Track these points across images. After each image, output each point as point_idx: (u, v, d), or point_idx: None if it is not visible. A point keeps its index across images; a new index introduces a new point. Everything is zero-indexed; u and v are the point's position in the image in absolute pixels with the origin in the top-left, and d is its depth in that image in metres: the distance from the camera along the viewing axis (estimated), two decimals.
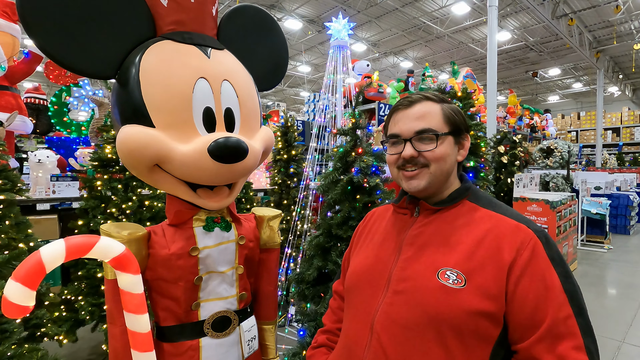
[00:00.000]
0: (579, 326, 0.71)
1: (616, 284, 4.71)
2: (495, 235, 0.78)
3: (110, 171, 2.61)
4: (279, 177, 3.98)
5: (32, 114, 5.39)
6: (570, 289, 0.74)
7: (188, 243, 1.08)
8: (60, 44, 0.94)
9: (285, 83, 17.73)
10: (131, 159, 0.97)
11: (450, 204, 0.88)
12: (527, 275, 0.73)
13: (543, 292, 0.72)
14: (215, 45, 1.12)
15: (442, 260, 0.79)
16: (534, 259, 0.74)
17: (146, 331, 0.81)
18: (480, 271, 0.75)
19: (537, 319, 0.71)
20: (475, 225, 0.82)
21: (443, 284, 0.76)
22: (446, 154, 0.86)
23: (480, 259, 0.76)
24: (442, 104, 0.89)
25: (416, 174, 0.86)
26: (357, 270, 0.95)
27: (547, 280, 0.73)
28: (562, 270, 0.75)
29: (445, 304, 0.74)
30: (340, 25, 3.25)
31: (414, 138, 0.86)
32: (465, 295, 0.73)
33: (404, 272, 0.83)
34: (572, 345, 0.70)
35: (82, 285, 2.54)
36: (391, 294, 0.82)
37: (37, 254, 0.63)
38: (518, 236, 0.77)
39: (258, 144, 1.15)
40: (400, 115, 0.90)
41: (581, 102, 20.73)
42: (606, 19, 11.40)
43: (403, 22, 12.00)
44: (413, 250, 0.85)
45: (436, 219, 0.87)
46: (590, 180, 7.54)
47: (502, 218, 0.82)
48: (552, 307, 0.71)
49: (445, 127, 0.87)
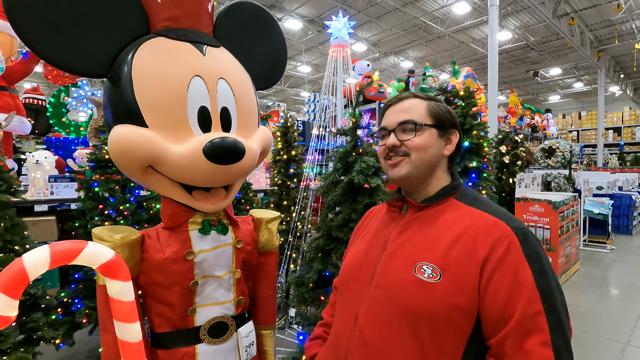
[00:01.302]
0: (548, 323, 0.71)
1: (619, 285, 4.66)
2: (473, 231, 0.80)
3: (108, 172, 2.58)
4: (278, 178, 3.94)
5: (31, 115, 5.37)
6: (544, 286, 0.73)
7: (183, 247, 1.05)
8: (50, 42, 0.90)
9: (285, 83, 17.71)
10: (123, 160, 0.93)
11: (436, 200, 0.91)
12: (500, 271, 0.74)
13: (514, 287, 0.73)
14: (211, 43, 1.09)
15: (421, 255, 0.82)
16: (507, 255, 0.75)
17: (137, 340, 0.77)
18: (455, 266, 0.77)
19: (507, 314, 0.72)
20: (456, 222, 0.84)
21: (418, 278, 0.78)
22: (426, 144, 0.89)
23: (457, 254, 0.78)
24: (429, 101, 0.94)
25: (397, 162, 0.90)
26: (347, 266, 1.00)
27: (519, 276, 0.73)
28: (537, 267, 0.75)
29: (419, 298, 0.77)
30: (341, 24, 3.21)
31: (397, 128, 0.91)
32: (440, 289, 0.76)
33: (386, 267, 0.87)
34: (538, 341, 0.70)
35: (79, 288, 2.51)
36: (374, 288, 0.86)
37: (20, 261, 0.60)
38: (494, 232, 0.78)
39: (255, 145, 1.12)
40: (389, 111, 0.96)
41: (582, 101, 20.67)
42: (607, 18, 11.36)
43: (403, 22, 11.96)
44: (396, 246, 0.88)
45: (421, 216, 0.90)
46: (592, 180, 7.50)
47: (482, 215, 0.84)
48: (521, 303, 0.72)
49: (429, 119, 0.91)
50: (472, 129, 2.42)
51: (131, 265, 0.98)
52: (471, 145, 2.38)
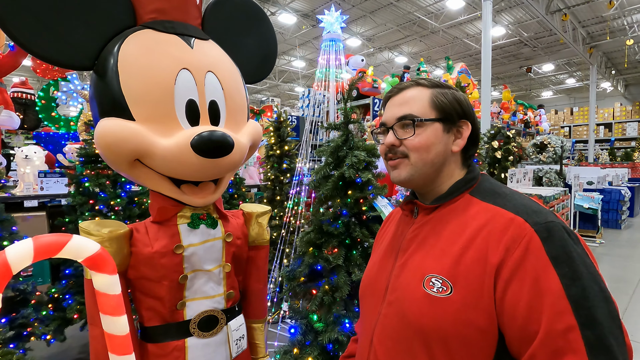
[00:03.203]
0: (585, 341, 0.56)
1: (608, 278, 4.74)
2: (486, 233, 0.68)
3: (99, 167, 2.55)
4: (272, 173, 3.93)
5: (19, 109, 5.28)
6: (577, 294, 0.59)
7: (172, 241, 1.05)
8: (34, 34, 0.89)
9: (279, 78, 17.60)
10: (110, 153, 0.93)
11: (448, 199, 0.79)
12: (517, 278, 0.62)
13: (536, 298, 0.60)
14: (199, 35, 1.08)
15: (430, 266, 0.72)
16: (526, 259, 0.62)
17: (124, 334, 0.77)
18: (466, 277, 0.66)
19: (530, 332, 0.60)
20: (469, 223, 0.72)
21: (427, 293, 0.69)
22: (428, 143, 0.77)
23: (468, 262, 0.67)
24: (434, 89, 0.80)
25: (397, 163, 0.80)
26: (365, 279, 0.92)
27: (542, 284, 0.60)
28: (566, 271, 0.60)
29: (429, 315, 0.68)
30: (333, 18, 3.20)
31: (395, 125, 0.80)
32: (451, 304, 0.66)
33: (397, 281, 0.78)
34: None
35: (69, 283, 2.49)
36: (386, 305, 0.78)
37: (2, 254, 0.59)
38: (509, 231, 0.65)
39: (245, 138, 1.11)
40: (389, 104, 0.84)
41: (574, 97, 20.86)
42: (600, 15, 11.44)
43: (398, 17, 11.93)
44: (406, 256, 0.79)
45: (432, 218, 0.79)
46: (583, 175, 7.59)
47: (498, 211, 0.70)
48: (546, 317, 0.59)
49: (431, 112, 0.78)
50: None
51: (119, 259, 0.98)
52: None
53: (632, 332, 3.20)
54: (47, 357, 2.72)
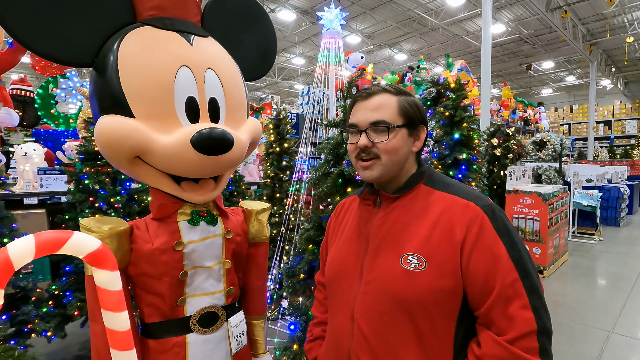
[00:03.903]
0: (525, 287, 0.78)
1: (606, 275, 4.77)
2: (448, 216, 0.85)
3: (98, 164, 2.55)
4: (271, 170, 3.94)
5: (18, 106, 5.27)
6: (516, 255, 0.80)
7: (172, 238, 1.05)
8: (34, 31, 0.89)
9: (279, 75, 17.56)
10: (110, 150, 0.93)
11: (407, 190, 0.93)
12: (477, 249, 0.80)
13: (492, 262, 0.79)
14: (199, 32, 1.08)
15: (404, 246, 0.85)
16: (481, 234, 0.81)
17: (125, 329, 0.78)
18: (437, 252, 0.82)
19: (489, 287, 0.79)
20: (430, 209, 0.87)
21: (406, 269, 0.82)
22: (397, 147, 0.89)
23: (437, 240, 0.83)
24: (399, 96, 0.92)
25: (370, 164, 0.90)
26: (333, 264, 1.01)
27: (495, 251, 0.80)
28: (507, 240, 0.81)
29: (409, 287, 0.81)
30: (333, 15, 3.19)
31: (369, 129, 0.89)
32: (427, 276, 0.80)
33: (373, 263, 0.89)
34: (519, 305, 0.77)
35: (70, 280, 2.50)
36: (364, 284, 0.89)
37: (5, 250, 0.60)
38: (467, 214, 0.83)
39: (244, 135, 1.12)
40: (359, 106, 0.92)
41: (574, 95, 20.84)
42: (600, 12, 11.42)
43: (397, 14, 11.89)
44: (378, 241, 0.90)
45: (396, 207, 0.92)
46: (582, 173, 7.60)
47: (453, 199, 0.87)
48: (500, 275, 0.78)
49: (399, 119, 0.89)
50: (463, 121, 2.44)
51: (120, 256, 0.98)
52: (461, 137, 2.40)
53: (630, 329, 3.22)
54: (47, 353, 2.73)
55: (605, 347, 2.91)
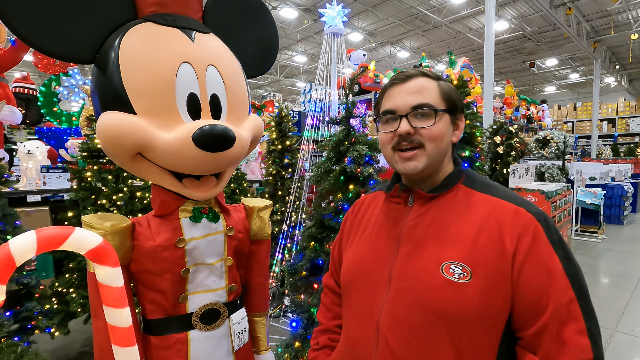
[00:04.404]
0: (581, 309, 0.70)
1: (609, 274, 4.75)
2: (494, 221, 0.75)
3: (101, 162, 2.56)
4: (273, 168, 3.94)
5: (21, 104, 5.29)
6: (572, 272, 0.72)
7: (174, 234, 1.05)
8: (35, 27, 0.88)
9: (281, 73, 17.54)
10: (111, 147, 0.93)
11: (445, 189, 0.83)
12: (530, 262, 0.71)
13: (545, 278, 0.71)
14: (200, 29, 1.07)
15: (445, 253, 0.75)
16: (535, 245, 0.72)
17: (127, 325, 0.78)
18: (484, 262, 0.72)
19: (541, 306, 0.70)
20: (473, 212, 0.78)
21: (448, 279, 0.73)
22: (443, 133, 0.80)
23: (483, 249, 0.73)
24: (438, 81, 0.84)
25: (414, 154, 0.80)
26: (353, 266, 0.91)
27: (549, 266, 0.71)
28: (562, 254, 0.73)
29: (453, 300, 0.71)
30: (335, 12, 3.17)
31: (410, 114, 0.80)
32: (472, 289, 0.71)
33: (405, 268, 0.79)
34: (575, 330, 0.69)
35: (73, 277, 2.51)
36: (394, 292, 0.79)
37: (6, 246, 0.60)
38: (518, 221, 0.74)
39: (246, 132, 1.11)
40: (396, 90, 0.83)
41: (578, 92, 20.72)
42: (604, 9, 11.32)
43: (400, 11, 11.84)
44: (412, 244, 0.80)
45: (432, 207, 0.83)
46: (586, 171, 7.56)
47: (499, 202, 0.78)
48: (554, 293, 0.70)
49: (443, 103, 0.81)
50: (465, 118, 2.42)
51: (122, 252, 0.98)
52: (464, 134, 2.39)
53: (633, 327, 3.20)
54: (51, 350, 2.75)
55: (608, 346, 2.90)
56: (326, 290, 1.10)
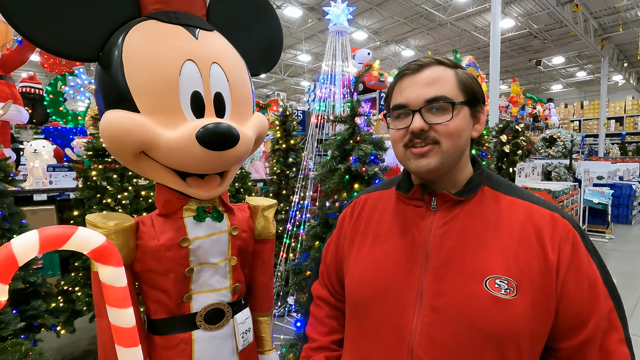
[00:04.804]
0: (619, 318, 0.69)
1: (617, 274, 4.69)
2: (532, 228, 0.70)
3: (106, 161, 2.57)
4: (277, 167, 3.93)
5: (28, 104, 5.33)
6: (609, 280, 0.71)
7: (178, 234, 1.05)
8: (37, 23, 0.88)
9: (285, 72, 17.54)
10: (115, 145, 0.92)
11: (473, 192, 0.75)
12: (572, 272, 0.68)
13: (588, 288, 0.68)
14: (204, 26, 1.06)
15: (486, 266, 0.69)
16: (575, 254, 0.69)
17: (130, 326, 0.77)
18: (529, 275, 0.67)
19: (584, 317, 0.67)
20: (506, 218, 0.72)
21: (495, 296, 0.66)
22: (461, 128, 0.72)
23: (526, 260, 0.68)
24: (456, 69, 0.75)
25: (427, 150, 0.72)
26: (368, 279, 0.79)
27: (590, 275, 0.69)
28: (598, 261, 0.71)
29: (502, 318, 0.66)
30: (339, 10, 3.16)
31: (424, 108, 0.71)
32: (520, 305, 0.66)
33: (441, 284, 0.71)
34: (617, 339, 0.68)
35: (79, 276, 2.52)
36: (429, 312, 0.70)
37: (8, 245, 0.59)
38: (557, 229, 0.70)
39: (250, 131, 1.10)
40: (408, 82, 0.74)
41: (585, 91, 20.50)
42: (612, 6, 11.18)
43: (405, 10, 11.78)
44: (445, 255, 0.72)
45: (460, 212, 0.74)
46: (593, 170, 7.47)
47: (532, 207, 0.73)
48: (598, 304, 0.68)
49: (461, 95, 0.73)
50: None
51: (125, 252, 0.98)
52: None
53: None
54: (57, 348, 2.77)
55: None
56: (318, 301, 0.97)
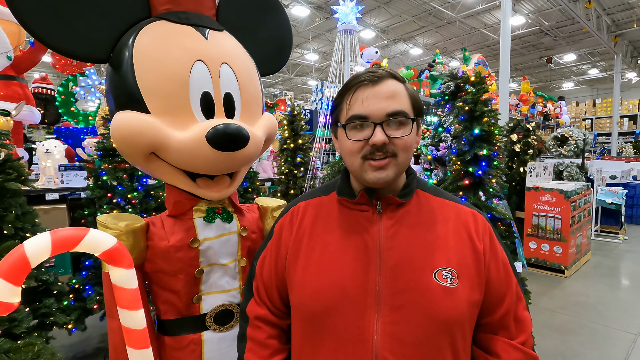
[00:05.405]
0: (521, 287, 0.83)
1: (631, 276, 4.59)
2: (461, 225, 0.81)
3: (116, 161, 2.59)
4: (285, 167, 3.93)
5: (40, 104, 5.41)
6: (510, 260, 0.83)
7: (188, 235, 1.04)
8: (49, 25, 0.89)
9: (292, 71, 17.55)
10: (125, 146, 0.92)
11: (411, 195, 0.82)
12: (492, 258, 0.80)
13: (503, 270, 0.80)
14: (214, 26, 1.06)
15: (432, 260, 0.75)
16: (492, 243, 0.81)
17: (141, 327, 0.77)
18: (466, 265, 0.77)
19: (502, 294, 0.79)
20: (440, 217, 0.81)
21: (444, 286, 0.73)
22: (414, 142, 0.78)
23: (461, 252, 0.78)
24: (405, 84, 0.79)
25: (386, 163, 0.74)
26: (328, 290, 0.76)
27: (503, 259, 0.81)
28: (503, 246, 0.84)
29: (450, 305, 0.73)
30: (348, 8, 3.14)
31: (385, 122, 0.73)
32: (462, 292, 0.74)
33: (398, 283, 0.73)
34: (522, 307, 0.81)
35: (90, 274, 2.55)
36: (389, 311, 0.72)
37: (21, 247, 0.59)
38: (479, 224, 0.82)
39: (260, 131, 1.10)
40: (367, 93, 0.74)
41: (597, 88, 20.11)
42: (626, 1, 10.94)
43: (413, 8, 11.69)
44: (397, 255, 0.75)
45: (403, 214, 0.79)
46: (606, 170, 7.33)
47: (458, 207, 0.84)
48: (510, 282, 0.80)
49: (412, 110, 0.77)
50: (483, 115, 2.36)
51: (136, 252, 0.98)
52: (482, 132, 2.32)
53: None
54: (68, 345, 2.81)
55: (632, 352, 2.79)
56: (257, 322, 0.89)
